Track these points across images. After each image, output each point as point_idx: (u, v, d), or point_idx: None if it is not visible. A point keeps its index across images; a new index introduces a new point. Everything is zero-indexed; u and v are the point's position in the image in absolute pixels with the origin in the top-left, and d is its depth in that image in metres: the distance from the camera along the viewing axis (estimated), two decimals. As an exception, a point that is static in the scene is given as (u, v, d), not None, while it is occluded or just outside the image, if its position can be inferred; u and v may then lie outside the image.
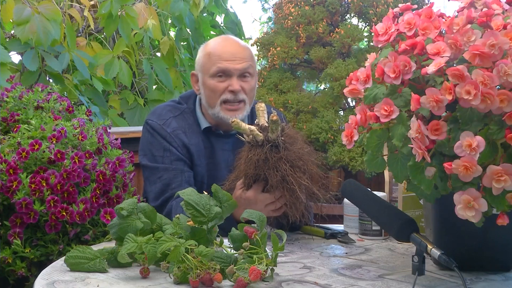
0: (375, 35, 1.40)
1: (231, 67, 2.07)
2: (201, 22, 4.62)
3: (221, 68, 2.07)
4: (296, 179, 1.68)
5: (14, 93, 2.16)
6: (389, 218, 1.47)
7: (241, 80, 2.08)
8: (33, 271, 1.83)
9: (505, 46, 1.20)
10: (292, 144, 1.72)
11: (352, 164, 3.61)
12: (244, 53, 2.11)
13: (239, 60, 2.08)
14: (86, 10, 3.76)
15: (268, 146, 1.70)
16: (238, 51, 2.10)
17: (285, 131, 1.74)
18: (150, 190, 2.05)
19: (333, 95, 3.76)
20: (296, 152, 1.71)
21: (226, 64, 2.07)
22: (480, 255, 1.46)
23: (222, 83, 2.08)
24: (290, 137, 1.74)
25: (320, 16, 3.92)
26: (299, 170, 1.69)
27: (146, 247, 1.40)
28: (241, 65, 2.08)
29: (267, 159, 1.70)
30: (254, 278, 1.32)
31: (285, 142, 1.71)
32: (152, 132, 2.09)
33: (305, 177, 1.69)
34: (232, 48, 2.12)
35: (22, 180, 1.81)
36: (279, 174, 1.68)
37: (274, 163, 1.69)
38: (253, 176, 1.75)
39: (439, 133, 1.23)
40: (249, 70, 2.10)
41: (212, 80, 2.08)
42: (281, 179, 1.69)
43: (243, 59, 2.09)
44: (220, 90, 2.07)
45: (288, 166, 1.68)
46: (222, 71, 2.07)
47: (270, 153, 1.69)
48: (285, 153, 1.69)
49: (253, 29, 8.32)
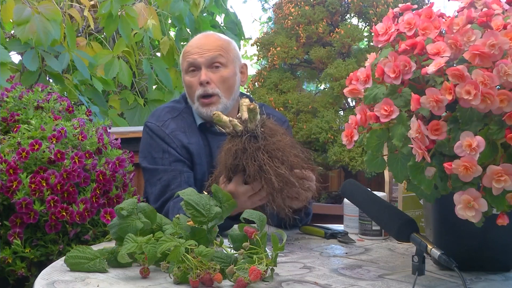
0: (375, 35, 1.40)
1: (197, 58, 2.08)
2: (201, 22, 4.61)
3: (189, 61, 2.10)
4: (274, 169, 1.66)
5: (14, 93, 2.16)
6: (389, 218, 1.47)
7: (211, 72, 2.09)
8: (33, 271, 1.83)
9: (505, 46, 1.20)
10: (272, 135, 1.71)
11: (352, 164, 3.61)
12: (212, 44, 2.11)
13: (205, 51, 2.09)
14: (86, 10, 3.76)
15: (247, 136, 1.69)
16: (205, 43, 2.11)
17: (266, 124, 1.73)
18: (151, 192, 2.05)
19: (333, 95, 3.76)
20: (276, 143, 1.69)
21: (193, 57, 2.09)
22: (480, 255, 1.46)
23: (194, 77, 2.10)
24: (270, 129, 1.72)
25: (320, 16, 3.92)
26: (277, 161, 1.67)
27: (146, 247, 1.40)
28: (207, 55, 2.08)
29: (245, 149, 1.68)
30: (254, 278, 1.32)
31: (264, 133, 1.70)
32: (151, 134, 2.09)
33: (284, 167, 1.67)
34: (199, 41, 2.14)
35: (22, 180, 1.81)
36: (256, 164, 1.67)
37: (252, 152, 1.67)
38: (232, 167, 1.73)
39: (439, 133, 1.23)
40: (219, 59, 2.09)
41: (186, 76, 2.12)
42: (259, 169, 1.67)
43: (209, 50, 2.09)
44: (194, 84, 2.09)
45: (266, 156, 1.67)
46: (191, 64, 2.10)
47: (249, 143, 1.68)
48: (264, 143, 1.68)
49: (253, 29, 8.31)
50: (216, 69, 2.09)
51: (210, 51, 2.09)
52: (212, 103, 2.07)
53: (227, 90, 2.10)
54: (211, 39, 2.15)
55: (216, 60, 2.09)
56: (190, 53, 2.11)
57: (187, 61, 2.11)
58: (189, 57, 2.11)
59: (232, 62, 2.14)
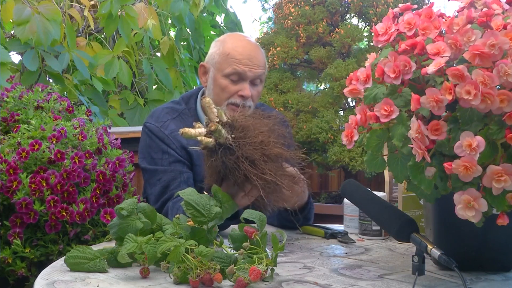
0: (375, 35, 1.40)
1: (247, 71, 2.05)
2: (201, 22, 4.62)
3: (237, 71, 2.04)
4: (258, 175, 1.61)
5: (14, 93, 2.16)
6: (389, 218, 1.47)
7: (251, 86, 2.07)
8: (33, 271, 1.83)
9: (505, 46, 1.20)
10: (245, 136, 1.64)
11: (352, 164, 3.61)
12: (261, 60, 2.09)
13: (255, 66, 2.06)
14: (86, 10, 3.76)
15: (221, 150, 1.63)
16: (255, 57, 2.07)
17: (235, 125, 1.66)
18: (151, 192, 2.04)
19: (333, 95, 3.76)
20: (252, 144, 1.63)
21: (243, 68, 2.04)
22: (480, 255, 1.46)
23: (234, 85, 2.05)
24: (242, 128, 1.65)
25: (320, 16, 3.92)
26: (259, 163, 1.62)
27: (146, 247, 1.40)
28: (256, 71, 2.06)
29: (225, 163, 1.63)
30: (254, 278, 1.32)
31: (237, 139, 1.63)
32: (151, 135, 2.09)
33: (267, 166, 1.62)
34: (250, 52, 2.08)
35: (22, 180, 1.81)
36: (241, 173, 1.62)
37: (233, 164, 1.62)
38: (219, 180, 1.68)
39: (439, 133, 1.23)
40: (262, 77, 2.09)
41: (225, 80, 2.06)
42: (245, 177, 1.63)
43: (259, 66, 2.07)
44: (230, 91, 2.05)
45: (247, 163, 1.62)
46: (237, 73, 2.05)
47: (226, 157, 1.62)
48: (240, 152, 1.62)
49: (253, 29, 8.31)
50: (256, 84, 2.08)
51: (259, 68, 2.07)
52: None
53: (255, 103, 2.11)
54: (260, 54, 2.10)
55: (260, 77, 2.08)
56: (239, 62, 2.05)
57: (233, 68, 2.04)
58: (237, 66, 2.04)
59: (265, 78, 2.15)
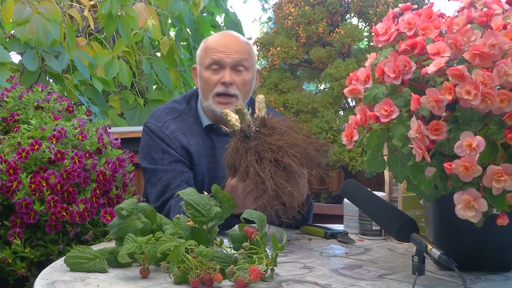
0: (375, 35, 1.40)
1: (224, 58, 2.07)
2: (201, 22, 4.62)
3: (214, 59, 2.08)
4: (257, 171, 1.63)
5: (14, 93, 2.16)
6: (389, 218, 1.47)
7: (234, 73, 2.08)
8: (33, 271, 1.83)
9: (505, 46, 1.20)
10: (268, 135, 1.67)
11: (352, 164, 3.61)
12: (240, 46, 2.10)
13: (233, 52, 2.08)
14: (86, 10, 3.76)
15: (240, 136, 1.68)
16: (232, 43, 2.11)
17: (266, 122, 1.70)
18: (151, 192, 2.05)
19: (333, 95, 3.75)
20: (270, 144, 1.65)
21: (219, 55, 2.08)
22: (480, 255, 1.46)
23: (215, 75, 2.08)
24: (270, 128, 1.69)
25: (320, 16, 3.92)
26: (265, 162, 1.64)
27: (146, 247, 1.40)
28: (234, 56, 2.08)
29: (238, 149, 1.68)
30: (254, 278, 1.32)
31: (260, 134, 1.67)
32: (151, 135, 2.09)
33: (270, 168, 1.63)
34: (227, 40, 2.12)
35: (22, 180, 1.81)
36: (245, 164, 1.65)
37: (243, 153, 1.66)
38: (229, 164, 1.73)
39: (439, 133, 1.23)
40: (243, 63, 2.09)
41: (207, 72, 2.10)
42: (246, 169, 1.65)
43: (237, 52, 2.09)
44: (213, 82, 2.08)
45: (254, 157, 1.64)
46: (215, 62, 2.08)
47: (241, 143, 1.67)
48: (255, 143, 1.65)
49: (253, 29, 8.31)
50: (239, 71, 2.09)
51: (237, 53, 2.08)
52: (230, 103, 2.06)
53: (245, 93, 2.11)
54: (238, 41, 2.13)
55: (241, 63, 2.09)
56: (216, 51, 2.09)
57: (211, 58, 2.09)
58: (214, 55, 2.08)
59: (253, 66, 2.15)
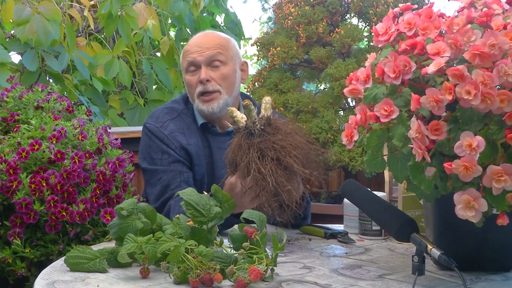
0: (375, 35, 1.40)
1: (197, 57, 2.10)
2: (201, 22, 4.61)
3: (189, 61, 2.11)
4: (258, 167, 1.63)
5: (14, 93, 2.16)
6: (389, 218, 1.47)
7: (211, 70, 2.10)
8: (33, 271, 1.83)
9: (505, 46, 1.20)
10: (272, 134, 1.68)
11: (352, 164, 3.61)
12: (211, 43, 2.12)
13: (204, 49, 2.10)
14: (86, 10, 3.76)
15: (244, 133, 1.69)
16: (204, 41, 2.13)
17: (271, 122, 1.71)
18: (151, 192, 2.05)
19: (333, 95, 3.75)
20: (273, 143, 1.66)
21: (193, 56, 2.10)
22: (480, 255, 1.46)
23: (194, 76, 2.11)
24: (275, 128, 1.70)
25: (320, 16, 3.92)
26: (267, 159, 1.65)
27: (146, 247, 1.40)
28: (206, 53, 2.10)
29: (241, 145, 1.69)
30: (254, 278, 1.32)
31: (264, 132, 1.68)
32: (150, 135, 2.10)
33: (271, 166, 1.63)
34: (199, 40, 2.15)
35: (22, 180, 1.81)
36: (246, 160, 1.66)
37: (246, 149, 1.67)
38: (230, 161, 1.74)
39: (439, 133, 1.23)
40: (218, 57, 2.10)
41: (187, 75, 2.13)
42: (247, 165, 1.66)
43: (209, 48, 2.10)
44: (193, 83, 2.10)
45: (257, 154, 1.65)
46: (191, 63, 2.11)
47: (244, 140, 1.69)
48: (257, 141, 1.66)
49: (253, 29, 8.31)
50: (216, 67, 2.10)
51: (210, 50, 2.10)
52: (213, 100, 2.08)
53: (228, 87, 2.12)
54: (210, 38, 2.16)
55: (215, 58, 2.10)
56: (189, 52, 2.12)
57: (187, 60, 2.12)
58: (188, 56, 2.12)
59: (232, 59, 2.15)
